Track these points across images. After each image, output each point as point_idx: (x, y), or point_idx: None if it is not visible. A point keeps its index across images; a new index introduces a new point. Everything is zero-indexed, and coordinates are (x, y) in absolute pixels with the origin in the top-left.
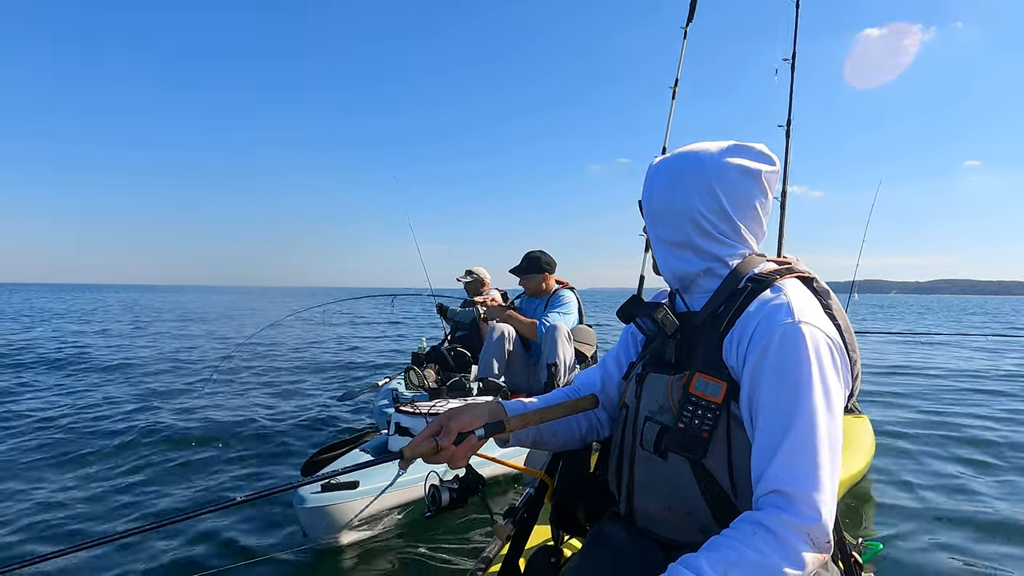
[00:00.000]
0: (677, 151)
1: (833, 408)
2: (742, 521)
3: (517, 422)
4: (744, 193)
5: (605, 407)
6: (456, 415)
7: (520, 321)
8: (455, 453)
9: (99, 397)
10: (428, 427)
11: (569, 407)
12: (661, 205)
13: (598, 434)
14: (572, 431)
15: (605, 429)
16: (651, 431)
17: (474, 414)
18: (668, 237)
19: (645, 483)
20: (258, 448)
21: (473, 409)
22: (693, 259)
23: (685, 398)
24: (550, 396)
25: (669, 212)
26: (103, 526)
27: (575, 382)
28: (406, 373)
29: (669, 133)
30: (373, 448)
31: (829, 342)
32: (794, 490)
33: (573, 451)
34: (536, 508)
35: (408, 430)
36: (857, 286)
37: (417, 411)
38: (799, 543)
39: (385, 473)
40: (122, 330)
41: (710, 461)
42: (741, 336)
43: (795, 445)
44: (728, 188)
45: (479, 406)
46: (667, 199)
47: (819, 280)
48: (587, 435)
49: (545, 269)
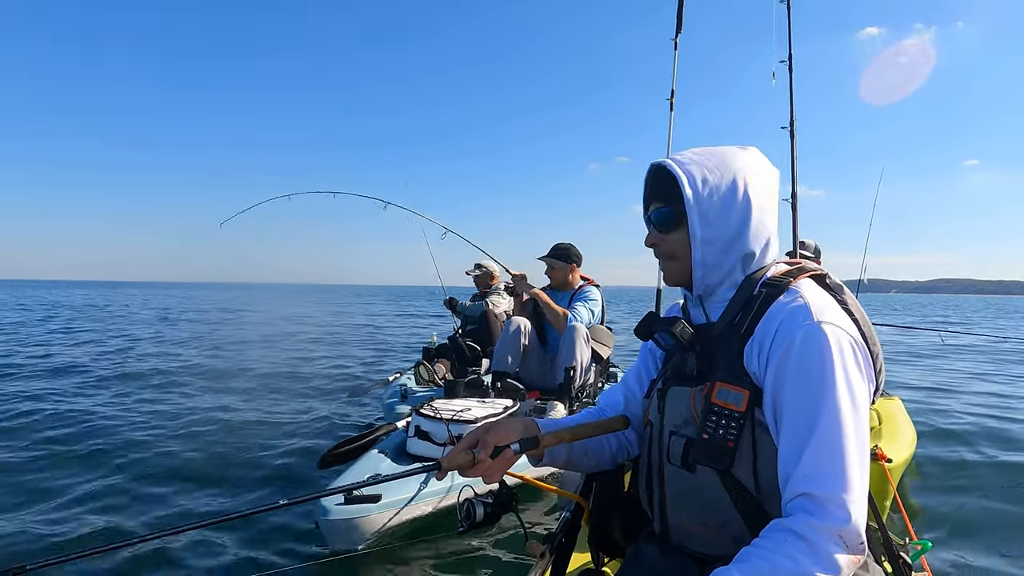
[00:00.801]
0: (700, 149)
1: (858, 407)
2: (772, 529)
3: (551, 439)
4: (772, 196)
5: (633, 426)
6: (493, 429)
7: (550, 306)
8: (491, 467)
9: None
10: (464, 440)
11: (601, 426)
12: (713, 204)
13: (628, 453)
14: (603, 450)
15: (634, 448)
16: (677, 445)
17: (509, 428)
18: (713, 237)
19: (676, 498)
20: (270, 447)
21: (508, 424)
22: (734, 264)
23: (707, 408)
24: (580, 415)
25: (722, 210)
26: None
27: (599, 402)
28: (416, 368)
29: (671, 145)
30: (391, 449)
31: (851, 340)
32: (822, 492)
33: (606, 472)
34: (574, 532)
35: (428, 435)
36: (862, 285)
37: (438, 415)
38: (831, 546)
39: (409, 484)
40: (173, 333)
41: (738, 470)
42: (762, 342)
43: (821, 446)
44: (759, 190)
45: (513, 421)
46: (721, 197)
47: (831, 276)
48: (617, 454)
49: (574, 260)
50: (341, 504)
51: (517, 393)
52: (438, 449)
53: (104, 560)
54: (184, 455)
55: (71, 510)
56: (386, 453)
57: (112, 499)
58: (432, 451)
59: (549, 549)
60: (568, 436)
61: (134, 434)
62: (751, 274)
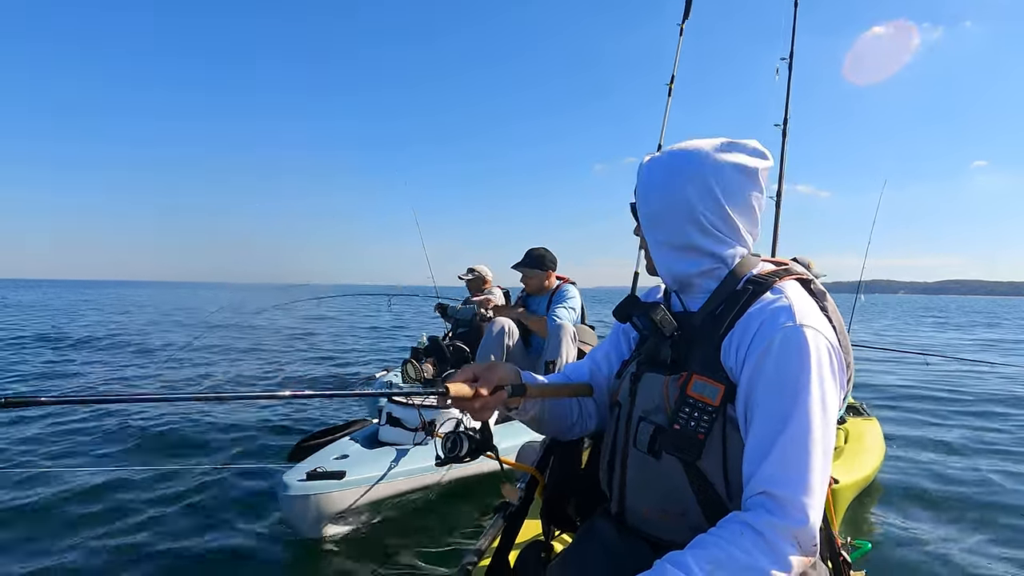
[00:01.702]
0: (669, 149)
1: (828, 413)
2: (729, 521)
3: (536, 390)
4: (741, 190)
5: (595, 399)
6: (492, 367)
7: (530, 319)
8: (486, 402)
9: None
10: (464, 371)
11: (570, 388)
12: (659, 205)
13: (586, 425)
14: (565, 417)
15: (592, 422)
16: (645, 431)
17: (505, 370)
18: (667, 239)
19: (637, 483)
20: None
21: (504, 366)
22: (694, 260)
23: (682, 399)
24: (551, 377)
25: (668, 212)
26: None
27: (565, 371)
28: (404, 366)
29: (665, 130)
30: (363, 438)
31: (829, 346)
32: (784, 493)
33: (564, 447)
34: (527, 503)
35: (400, 420)
36: (863, 287)
37: (410, 402)
38: (786, 545)
39: (376, 464)
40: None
41: (704, 463)
42: (741, 338)
43: (788, 448)
44: (725, 185)
45: (507, 365)
46: (665, 199)
47: (816, 282)
48: (576, 424)
49: (548, 267)
50: (303, 480)
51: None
52: (409, 435)
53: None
54: (153, 448)
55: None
56: (356, 440)
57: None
58: (403, 437)
59: (501, 517)
60: (550, 391)
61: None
62: (735, 267)
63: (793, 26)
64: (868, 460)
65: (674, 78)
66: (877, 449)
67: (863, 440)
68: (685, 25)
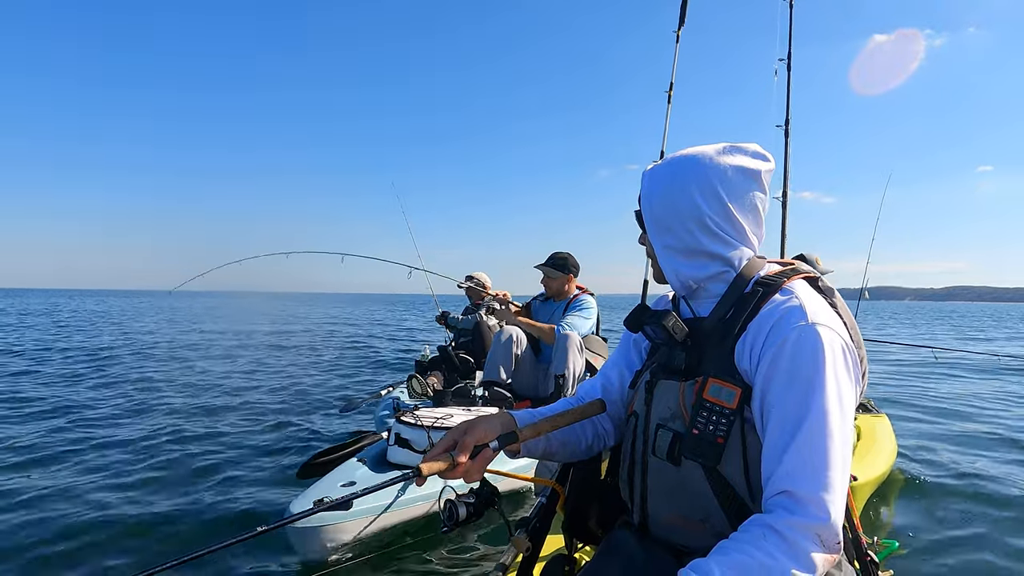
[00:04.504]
0: (672, 156)
1: (845, 409)
2: (751, 524)
3: (529, 431)
4: (745, 191)
5: (610, 415)
6: (470, 428)
7: (534, 326)
8: (471, 468)
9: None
10: (441, 441)
11: (578, 413)
12: (664, 211)
13: (604, 443)
14: (579, 440)
15: (611, 438)
16: (664, 439)
17: (487, 426)
18: (675, 244)
19: (658, 491)
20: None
21: (486, 421)
22: (703, 263)
23: (699, 404)
24: (556, 405)
25: (674, 217)
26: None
27: (578, 393)
28: (409, 381)
29: (667, 137)
30: (371, 458)
31: (843, 343)
32: (803, 491)
33: (583, 459)
34: (548, 517)
35: (408, 442)
36: (867, 291)
37: (418, 422)
38: (809, 544)
39: (384, 491)
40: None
41: (725, 467)
42: (755, 339)
43: (806, 445)
44: (729, 187)
45: (491, 418)
46: (670, 204)
47: (823, 279)
48: (593, 444)
49: (571, 271)
50: (309, 510)
51: (504, 402)
52: (418, 457)
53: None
54: (166, 464)
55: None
56: (364, 461)
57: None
58: (412, 459)
59: (523, 533)
60: (547, 427)
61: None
62: (742, 270)
63: (790, 27)
64: (882, 457)
65: (672, 85)
66: (889, 445)
67: (875, 437)
68: (681, 32)
